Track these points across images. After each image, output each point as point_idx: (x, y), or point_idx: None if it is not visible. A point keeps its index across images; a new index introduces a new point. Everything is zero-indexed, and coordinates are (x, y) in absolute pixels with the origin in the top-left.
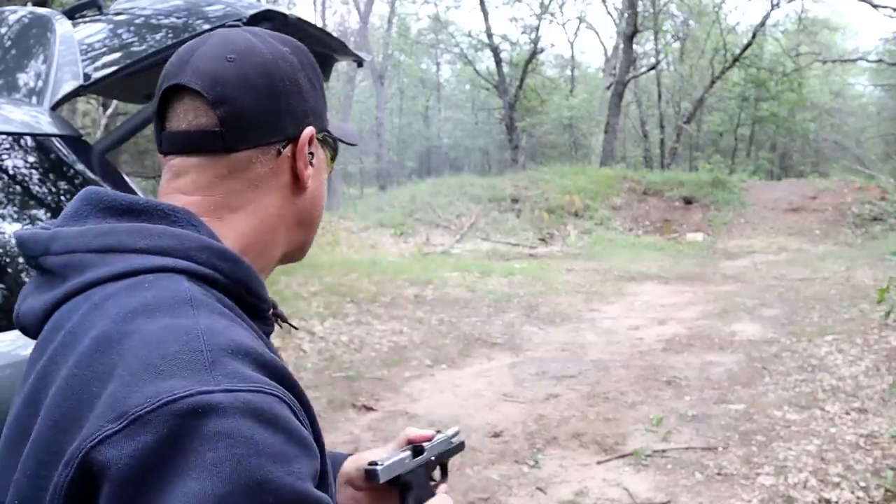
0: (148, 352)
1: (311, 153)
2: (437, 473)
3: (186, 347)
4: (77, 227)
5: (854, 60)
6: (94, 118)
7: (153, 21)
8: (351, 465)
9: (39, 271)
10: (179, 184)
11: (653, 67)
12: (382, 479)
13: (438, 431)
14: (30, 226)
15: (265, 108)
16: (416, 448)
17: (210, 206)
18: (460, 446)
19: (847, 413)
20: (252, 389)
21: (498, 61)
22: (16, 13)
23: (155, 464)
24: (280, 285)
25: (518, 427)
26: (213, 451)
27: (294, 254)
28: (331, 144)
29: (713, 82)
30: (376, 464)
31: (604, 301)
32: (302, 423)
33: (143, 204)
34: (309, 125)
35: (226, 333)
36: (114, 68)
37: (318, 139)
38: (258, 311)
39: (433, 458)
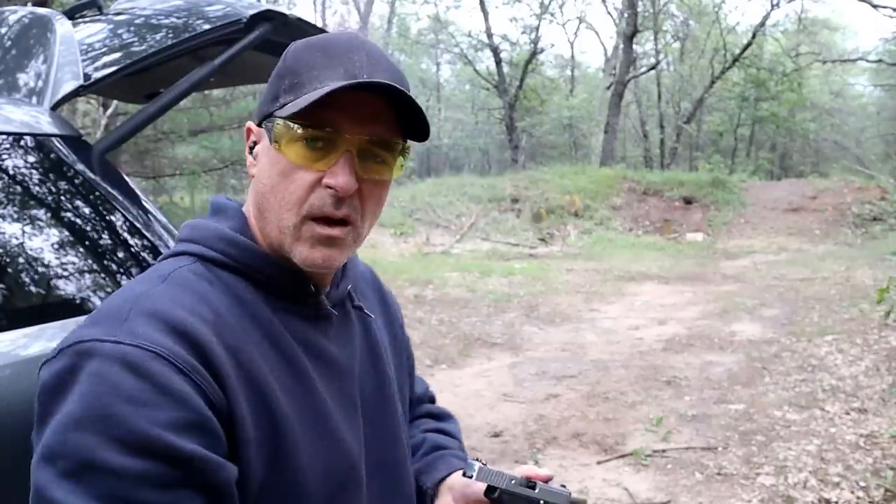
0: (102, 305)
1: (253, 143)
2: None
3: (118, 306)
4: None
5: (854, 60)
6: (94, 118)
7: (153, 21)
8: (457, 475)
9: None
10: None
11: (653, 67)
12: (475, 478)
13: (563, 486)
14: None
15: None
16: (530, 481)
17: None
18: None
19: (847, 413)
20: (134, 345)
21: (498, 61)
22: (16, 13)
23: (55, 385)
24: None
25: (518, 427)
26: (86, 384)
27: (279, 247)
28: (271, 127)
29: (713, 82)
30: (479, 461)
31: (604, 301)
32: (196, 382)
33: (220, 204)
34: (253, 120)
35: (157, 302)
36: (114, 68)
37: (260, 128)
38: (280, 290)
39: (541, 500)
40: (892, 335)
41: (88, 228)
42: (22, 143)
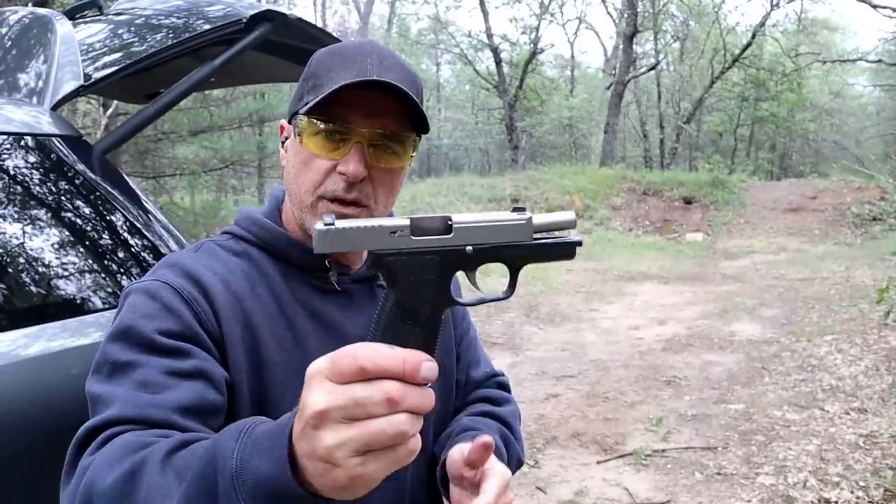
0: None
1: (285, 139)
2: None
3: (157, 264)
4: None
5: (854, 60)
6: (94, 118)
7: (153, 21)
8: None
9: None
10: None
11: (653, 67)
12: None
13: None
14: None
15: None
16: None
17: None
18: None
19: (847, 413)
20: (155, 279)
21: (498, 61)
22: (16, 13)
23: (113, 318)
24: None
25: None
26: (122, 311)
27: (301, 224)
28: (296, 123)
29: (713, 82)
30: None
31: (604, 301)
32: (195, 310)
33: (270, 193)
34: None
35: (180, 259)
36: (114, 68)
37: (291, 124)
38: (295, 264)
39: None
40: (891, 335)
41: (89, 228)
42: (22, 143)
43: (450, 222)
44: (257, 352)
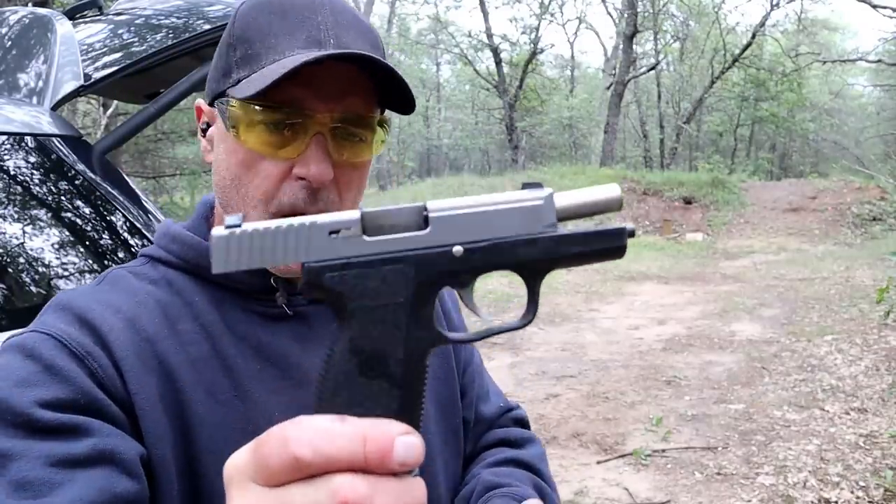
0: None
1: (206, 125)
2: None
3: (45, 307)
4: None
5: (853, 60)
6: (94, 118)
7: (153, 21)
8: None
9: None
10: None
11: (653, 67)
12: None
13: None
14: None
15: None
16: None
17: None
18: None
19: (847, 413)
20: (33, 330)
21: (498, 61)
22: (16, 13)
23: None
24: None
25: None
26: None
27: None
28: (226, 109)
29: (713, 82)
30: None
31: (604, 301)
32: (89, 367)
33: (200, 202)
34: (204, 98)
35: (73, 298)
36: (114, 68)
37: (214, 107)
38: (226, 286)
39: None
40: (891, 335)
41: (89, 228)
42: (23, 143)
43: (425, 212)
44: (182, 408)
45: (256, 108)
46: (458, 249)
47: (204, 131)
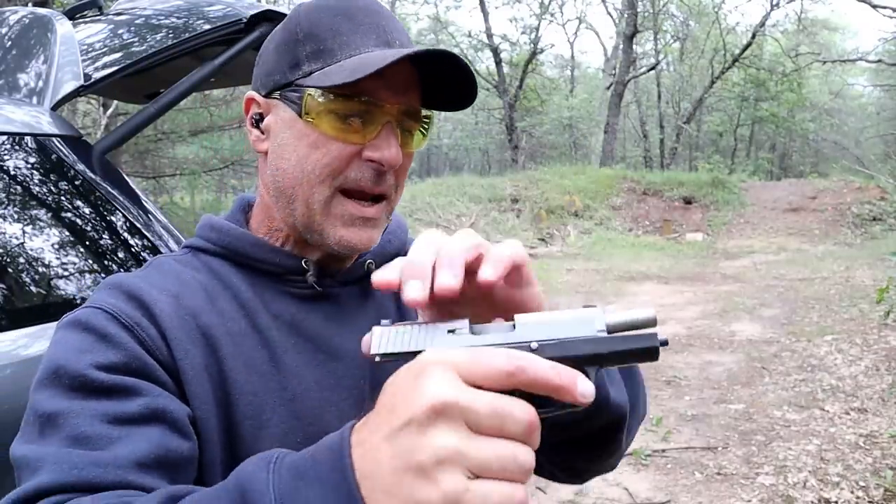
0: None
1: (258, 115)
2: None
3: (97, 287)
4: None
5: (853, 60)
6: (94, 118)
7: (153, 21)
8: None
9: None
10: None
11: (652, 67)
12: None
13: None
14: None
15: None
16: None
17: None
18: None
19: (847, 413)
20: (89, 306)
21: (498, 61)
22: (16, 13)
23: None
24: None
25: None
26: (48, 350)
27: (300, 231)
28: (298, 98)
29: (713, 82)
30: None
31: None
32: (138, 336)
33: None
34: (256, 90)
35: (123, 279)
36: (114, 68)
37: (272, 98)
38: (261, 268)
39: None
40: (891, 335)
41: (89, 228)
42: (23, 143)
43: (512, 320)
44: (223, 377)
45: (333, 96)
46: (534, 345)
47: (255, 122)
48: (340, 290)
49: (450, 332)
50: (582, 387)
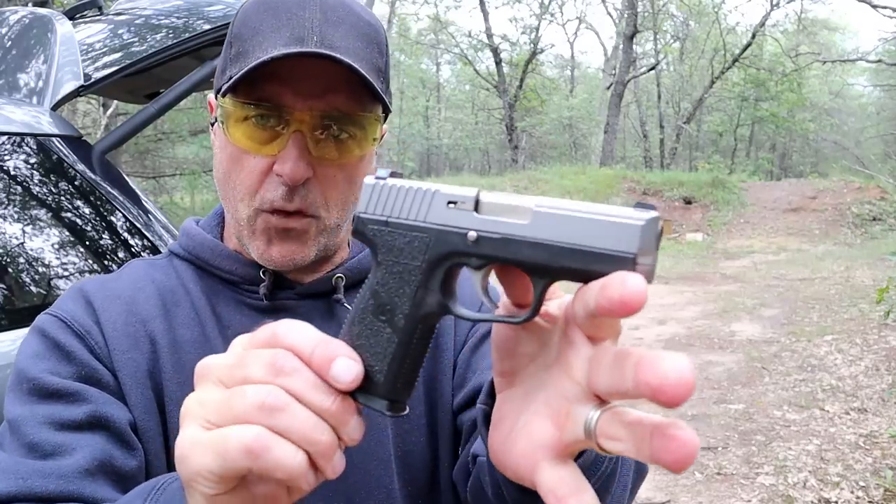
0: None
1: (214, 119)
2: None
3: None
4: None
5: (853, 60)
6: (94, 118)
7: (153, 21)
8: None
9: None
10: None
11: (652, 68)
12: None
13: None
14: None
15: None
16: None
17: None
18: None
19: (847, 413)
20: (48, 312)
21: (498, 61)
22: (16, 13)
23: None
24: None
25: None
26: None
27: (240, 239)
28: (221, 105)
29: (713, 82)
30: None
31: None
32: (88, 344)
33: None
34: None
35: (89, 283)
36: (114, 68)
37: (219, 101)
38: (221, 276)
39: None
40: (891, 335)
41: (89, 228)
42: (23, 143)
43: (530, 206)
44: (160, 387)
45: (238, 103)
46: (472, 234)
47: (212, 125)
48: (298, 303)
49: (450, 203)
50: (337, 369)
